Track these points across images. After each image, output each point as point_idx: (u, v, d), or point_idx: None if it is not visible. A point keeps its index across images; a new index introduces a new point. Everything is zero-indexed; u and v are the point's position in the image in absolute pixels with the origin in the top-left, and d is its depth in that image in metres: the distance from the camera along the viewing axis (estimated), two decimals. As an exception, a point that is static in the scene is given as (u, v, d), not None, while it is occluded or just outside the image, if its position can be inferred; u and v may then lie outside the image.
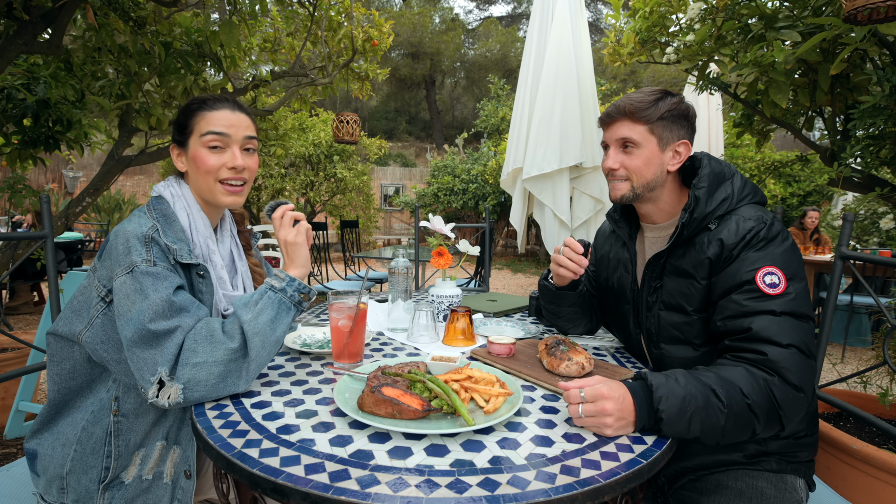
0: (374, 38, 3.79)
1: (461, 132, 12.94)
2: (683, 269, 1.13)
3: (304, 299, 1.06)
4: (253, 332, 0.97)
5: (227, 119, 1.14)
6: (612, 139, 1.19)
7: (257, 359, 0.98)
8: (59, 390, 1.10)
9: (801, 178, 8.30)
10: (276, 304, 1.02)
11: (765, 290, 1.01)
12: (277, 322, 1.01)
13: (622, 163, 1.17)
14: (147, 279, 0.97)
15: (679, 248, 1.15)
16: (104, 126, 2.99)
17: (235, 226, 1.34)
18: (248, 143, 1.17)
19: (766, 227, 1.05)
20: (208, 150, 1.13)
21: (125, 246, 1.00)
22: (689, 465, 1.11)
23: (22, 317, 4.85)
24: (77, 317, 1.08)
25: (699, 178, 1.14)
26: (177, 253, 1.05)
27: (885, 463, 1.51)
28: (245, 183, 1.18)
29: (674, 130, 1.15)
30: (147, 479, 1.06)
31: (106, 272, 1.04)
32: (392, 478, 0.70)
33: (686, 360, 1.14)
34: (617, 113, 1.17)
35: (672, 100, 1.14)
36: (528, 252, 11.18)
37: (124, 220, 1.07)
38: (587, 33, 3.24)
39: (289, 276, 1.05)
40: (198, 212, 1.16)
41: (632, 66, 3.13)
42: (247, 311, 0.99)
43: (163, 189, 1.15)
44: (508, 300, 1.95)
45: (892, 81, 1.52)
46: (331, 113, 9.86)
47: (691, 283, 1.12)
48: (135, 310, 0.95)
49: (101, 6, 2.26)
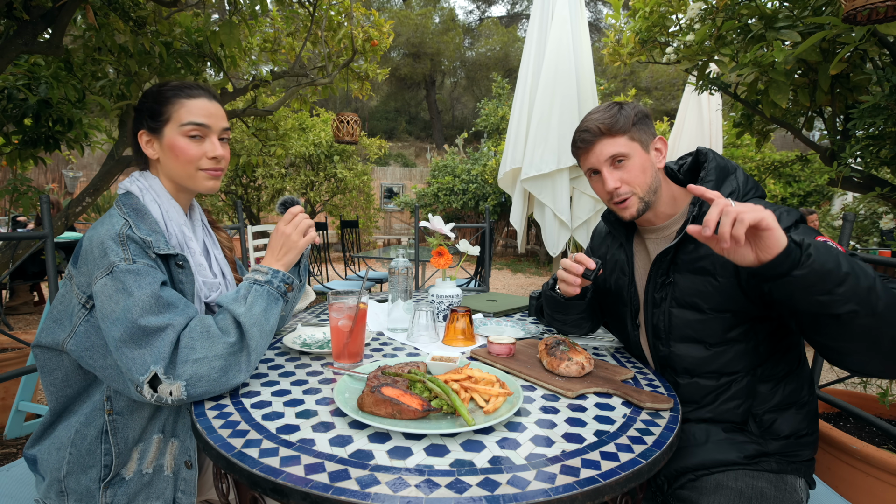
0: (374, 38, 3.79)
1: (461, 132, 12.94)
2: (700, 266, 1.12)
3: (289, 290, 1.10)
4: (250, 322, 0.99)
5: (206, 109, 1.12)
6: (600, 161, 1.17)
7: (256, 349, 1.00)
8: (56, 399, 1.09)
9: (801, 178, 8.30)
10: (266, 295, 1.04)
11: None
12: (269, 312, 1.04)
13: (622, 179, 1.15)
14: (129, 277, 0.96)
15: (689, 243, 1.14)
16: (104, 126, 3.00)
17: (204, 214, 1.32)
18: (224, 134, 1.17)
19: (780, 217, 1.05)
20: (188, 139, 1.11)
21: (101, 249, 0.98)
22: (689, 465, 1.11)
23: (22, 317, 4.86)
24: (59, 326, 1.06)
25: (706, 172, 1.14)
26: (153, 245, 1.03)
27: (885, 463, 1.51)
28: (222, 170, 1.19)
29: (646, 131, 1.17)
30: (147, 473, 1.06)
31: (84, 278, 1.01)
32: (392, 478, 0.71)
33: (695, 359, 1.13)
34: (593, 136, 1.16)
35: (629, 105, 1.17)
36: (528, 252, 11.18)
37: (95, 223, 1.05)
38: (587, 33, 3.23)
39: (272, 269, 1.08)
40: (168, 201, 1.14)
41: (632, 66, 3.13)
42: (238, 304, 1.01)
43: (129, 184, 1.13)
44: (508, 300, 1.95)
45: (891, 81, 1.52)
46: (331, 113, 9.86)
47: (708, 280, 1.10)
48: (120, 309, 0.94)
49: (101, 6, 2.27)
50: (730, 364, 1.11)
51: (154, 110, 1.12)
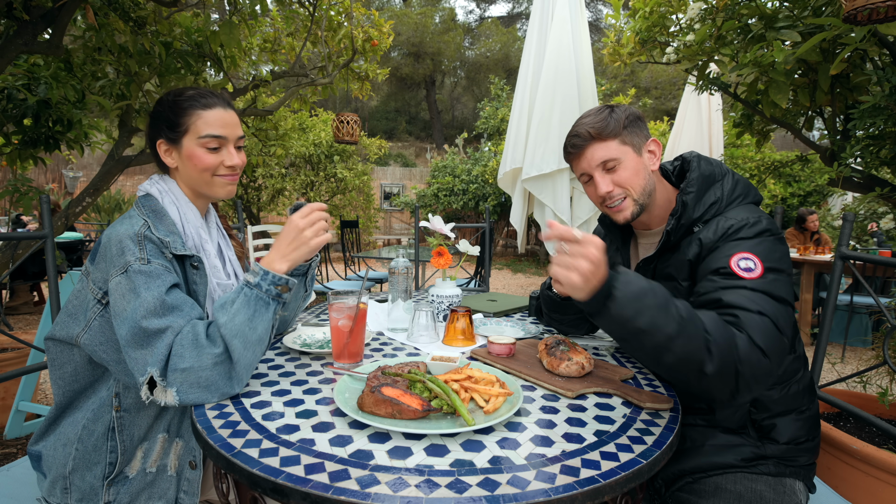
0: (374, 38, 3.80)
1: (461, 132, 12.93)
2: (668, 273, 1.14)
3: (284, 290, 1.01)
4: (231, 334, 0.94)
5: (222, 119, 1.14)
6: (591, 167, 1.16)
7: (241, 361, 0.95)
8: (63, 394, 1.11)
9: (801, 178, 8.31)
10: (253, 301, 0.97)
11: (739, 272, 0.97)
12: (256, 320, 0.96)
13: (614, 181, 1.15)
14: (140, 278, 0.97)
15: (667, 252, 1.15)
16: (104, 126, 2.99)
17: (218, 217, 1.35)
18: (240, 142, 1.20)
19: (749, 225, 1.04)
20: (206, 150, 1.13)
21: (119, 247, 1.00)
22: (687, 468, 1.11)
23: (22, 317, 4.86)
24: (73, 320, 1.08)
25: (688, 183, 1.13)
26: (171, 245, 1.05)
27: (885, 463, 1.51)
28: (238, 176, 1.21)
29: (639, 134, 1.16)
30: (151, 472, 1.07)
31: (100, 275, 1.04)
32: (392, 478, 0.70)
33: None
34: (583, 140, 1.15)
35: (621, 108, 1.16)
36: (528, 252, 11.18)
37: (115, 222, 1.07)
38: (587, 33, 3.23)
39: (262, 270, 1.00)
40: (186, 204, 1.17)
41: (632, 66, 3.13)
42: (223, 312, 0.96)
43: (149, 187, 1.16)
44: (508, 300, 1.95)
45: (892, 81, 1.52)
46: (331, 113, 9.87)
47: (675, 285, 1.12)
48: (129, 308, 0.95)
49: (101, 6, 2.26)
50: None
51: (171, 121, 1.13)
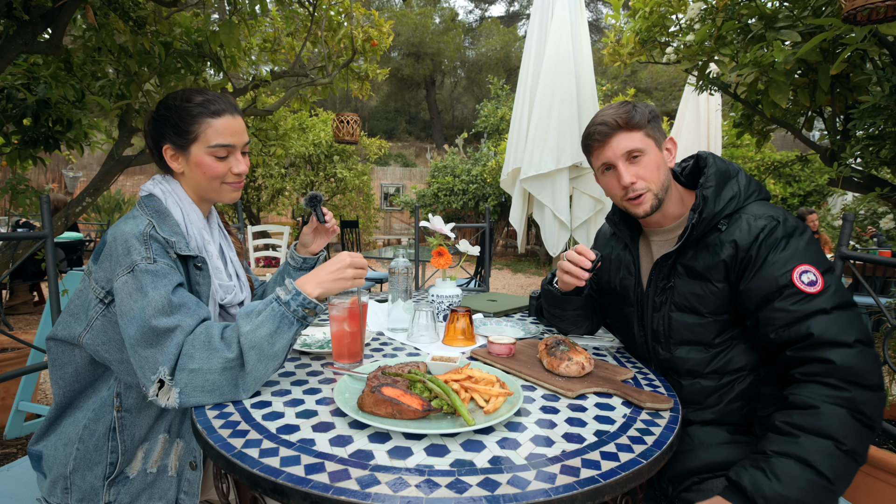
0: (374, 38, 3.79)
1: (461, 132, 12.93)
2: (696, 271, 1.13)
3: (310, 314, 1.00)
4: (249, 345, 0.94)
5: (230, 127, 1.14)
6: (616, 156, 1.15)
7: (253, 372, 0.95)
8: (63, 393, 1.11)
9: (801, 178, 8.31)
10: (279, 317, 0.97)
11: (806, 289, 0.99)
12: (277, 336, 0.96)
13: (637, 174, 1.14)
14: (147, 277, 0.97)
15: (689, 248, 1.15)
16: (104, 126, 2.99)
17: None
18: (245, 148, 1.20)
19: (781, 224, 1.05)
20: (215, 158, 1.14)
21: (125, 246, 1.00)
22: (694, 468, 1.10)
23: (22, 317, 4.85)
24: (75, 320, 1.09)
25: (706, 178, 1.14)
26: (175, 245, 1.06)
27: (885, 463, 1.51)
28: (243, 181, 1.23)
29: (659, 129, 1.17)
30: (151, 473, 1.07)
31: (104, 274, 1.04)
32: (392, 478, 0.70)
33: (696, 361, 1.14)
34: (610, 129, 1.15)
35: (643, 104, 1.17)
36: (528, 252, 11.18)
37: (118, 222, 1.07)
38: (587, 33, 3.23)
39: (296, 289, 0.99)
40: (190, 205, 1.17)
41: (632, 66, 3.13)
42: (247, 321, 0.96)
43: (152, 187, 1.16)
44: (508, 300, 1.95)
45: (892, 81, 1.52)
46: (331, 113, 9.87)
47: (705, 285, 1.12)
48: (137, 308, 0.96)
49: (101, 6, 2.26)
50: (731, 363, 1.11)
51: (180, 128, 1.12)
